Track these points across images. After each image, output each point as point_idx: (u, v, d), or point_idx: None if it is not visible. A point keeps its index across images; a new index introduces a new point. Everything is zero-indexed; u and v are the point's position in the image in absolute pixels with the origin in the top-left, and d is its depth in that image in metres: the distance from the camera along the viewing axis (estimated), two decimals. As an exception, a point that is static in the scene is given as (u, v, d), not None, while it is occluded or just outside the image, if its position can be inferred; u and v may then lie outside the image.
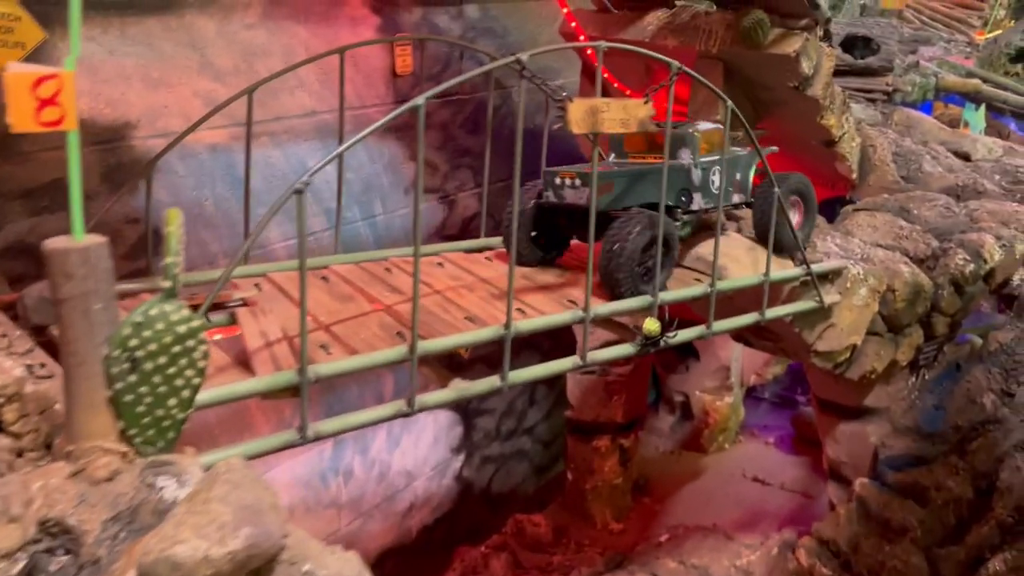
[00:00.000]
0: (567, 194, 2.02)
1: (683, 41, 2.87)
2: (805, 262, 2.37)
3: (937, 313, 2.93)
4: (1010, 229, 3.10)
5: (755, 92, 3.07)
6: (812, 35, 2.75)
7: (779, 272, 2.29)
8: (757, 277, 2.24)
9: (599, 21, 3.11)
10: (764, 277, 2.24)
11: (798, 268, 2.37)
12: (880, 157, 3.53)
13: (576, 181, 2.00)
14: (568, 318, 1.81)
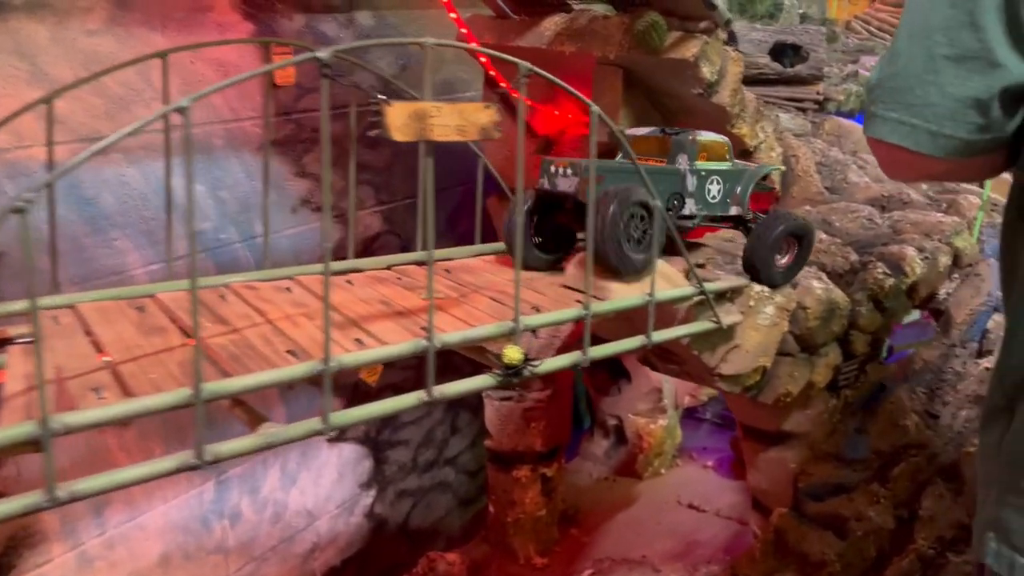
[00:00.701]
0: (559, 182, 2.06)
1: (581, 47, 2.72)
2: (697, 280, 2.20)
3: (856, 331, 2.78)
4: (933, 241, 2.96)
5: (661, 100, 2.93)
6: (713, 39, 2.61)
7: (666, 292, 2.12)
8: (641, 298, 2.06)
9: (496, 28, 2.96)
10: (649, 297, 2.06)
11: (689, 287, 2.20)
12: (803, 167, 3.40)
13: (567, 169, 2.04)
14: (409, 348, 1.63)
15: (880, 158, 1.21)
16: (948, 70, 1.05)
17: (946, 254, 2.94)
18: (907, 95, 1.09)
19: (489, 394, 3.59)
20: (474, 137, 1.60)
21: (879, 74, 1.15)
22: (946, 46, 1.04)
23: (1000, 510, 1.19)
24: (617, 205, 1.96)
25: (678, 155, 2.23)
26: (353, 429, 3.40)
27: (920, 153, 1.11)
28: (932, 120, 1.08)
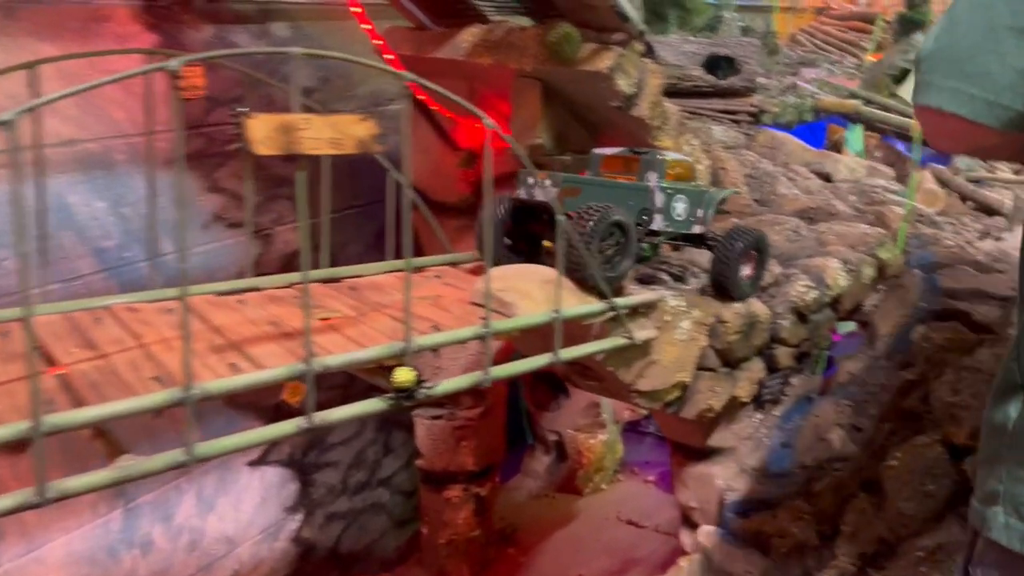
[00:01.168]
0: (536, 192, 2.21)
1: (498, 59, 2.68)
2: (607, 296, 2.15)
3: (779, 344, 2.75)
4: (858, 252, 2.95)
5: (582, 113, 2.89)
6: (629, 51, 2.57)
7: (573, 308, 2.07)
8: (547, 315, 2.01)
9: (414, 39, 2.90)
10: (555, 314, 2.01)
11: (599, 303, 2.15)
12: (732, 180, 3.38)
13: (546, 181, 2.18)
14: (284, 373, 1.55)
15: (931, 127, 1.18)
16: (1010, 40, 1.04)
17: (870, 266, 2.93)
18: (966, 64, 1.07)
19: (419, 413, 3.52)
20: (351, 150, 1.54)
21: (935, 43, 1.12)
22: (1009, 16, 1.04)
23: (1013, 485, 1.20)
24: (595, 223, 2.05)
25: (647, 172, 2.32)
26: (276, 451, 3.30)
27: (976, 123, 1.09)
28: (991, 90, 1.06)
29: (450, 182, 3.09)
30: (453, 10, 2.79)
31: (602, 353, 2.24)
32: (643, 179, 2.32)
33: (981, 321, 2.76)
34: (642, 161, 2.31)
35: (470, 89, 3.00)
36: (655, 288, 2.48)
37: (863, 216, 3.26)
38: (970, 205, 3.67)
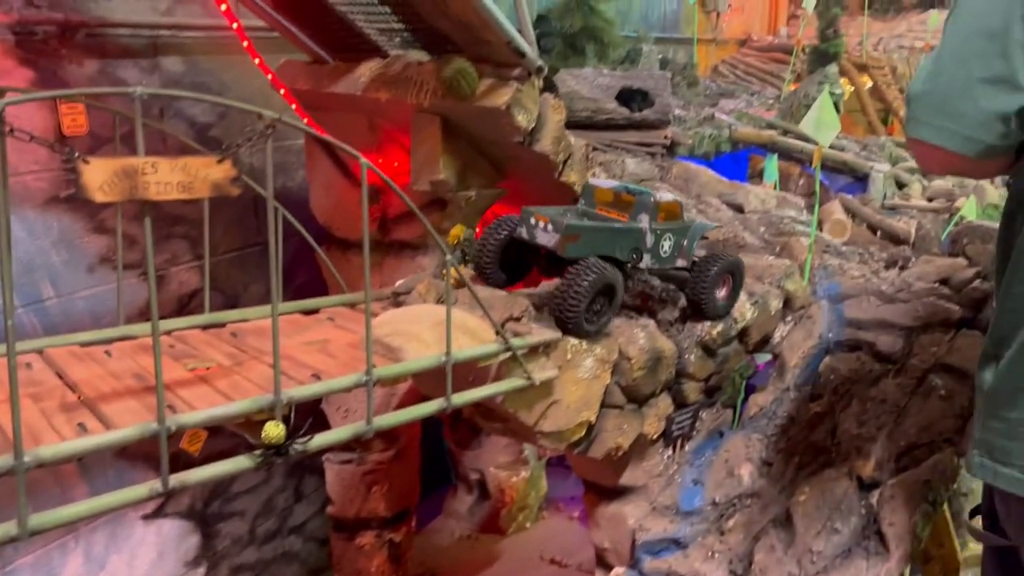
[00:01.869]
0: (538, 235, 2.25)
1: (396, 94, 2.62)
2: (503, 336, 2.10)
3: (687, 379, 2.73)
4: (764, 284, 2.96)
5: (485, 148, 2.85)
6: (527, 86, 2.54)
7: (466, 351, 2.01)
8: (436, 358, 1.94)
9: (311, 73, 2.84)
10: (445, 358, 1.94)
11: (494, 343, 2.09)
12: (642, 212, 3.37)
13: (548, 225, 2.23)
14: (135, 434, 1.45)
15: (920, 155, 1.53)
16: (981, 88, 1.36)
17: (777, 297, 2.93)
18: (948, 106, 1.40)
19: (329, 457, 3.40)
20: (205, 194, 1.45)
21: (923, 87, 1.44)
22: (980, 70, 1.36)
23: (984, 432, 1.58)
24: (590, 284, 2.19)
25: (640, 214, 2.41)
26: (174, 502, 3.15)
27: (956, 153, 1.42)
28: (967, 127, 1.39)
29: (353, 218, 3.02)
30: (350, 44, 2.73)
31: (500, 395, 2.18)
32: (635, 219, 2.40)
33: (885, 351, 2.78)
34: (636, 203, 2.40)
35: (370, 123, 2.95)
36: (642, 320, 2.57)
37: (771, 247, 3.28)
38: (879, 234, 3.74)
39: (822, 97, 2.77)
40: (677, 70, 6.08)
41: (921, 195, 5.24)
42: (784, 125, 5.82)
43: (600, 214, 2.49)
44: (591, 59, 4.79)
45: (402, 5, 2.34)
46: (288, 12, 2.64)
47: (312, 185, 3.11)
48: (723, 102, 6.03)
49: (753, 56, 8.38)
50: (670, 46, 7.09)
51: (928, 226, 3.76)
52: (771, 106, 6.31)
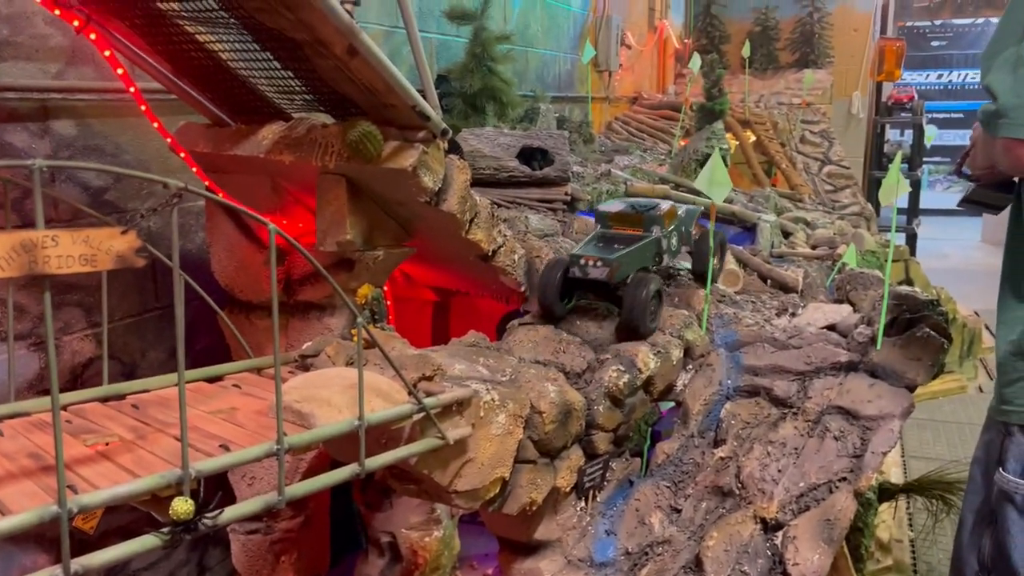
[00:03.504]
0: (590, 271, 2.92)
1: (300, 156, 2.62)
2: (415, 396, 2.10)
3: (596, 430, 2.78)
4: (665, 335, 3.06)
5: (392, 208, 2.87)
6: (433, 148, 2.59)
7: (378, 414, 1.99)
8: (349, 423, 1.92)
9: (211, 136, 2.81)
10: (358, 422, 1.93)
11: (407, 404, 2.09)
12: (546, 268, 3.45)
13: (598, 263, 2.90)
14: (32, 519, 1.37)
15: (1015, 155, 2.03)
16: None
17: (678, 347, 3.04)
18: None
19: (234, 528, 3.27)
20: (108, 266, 1.42)
21: (1014, 100, 1.94)
22: None
23: None
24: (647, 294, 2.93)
25: (652, 227, 3.13)
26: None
27: None
28: None
29: (256, 280, 2.97)
30: (252, 107, 2.72)
31: (414, 456, 2.17)
32: (649, 231, 3.12)
33: (782, 396, 2.91)
34: (645, 219, 3.12)
35: (273, 185, 2.93)
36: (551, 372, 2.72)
37: (670, 299, 3.40)
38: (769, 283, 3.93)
39: (713, 157, 2.93)
40: (574, 128, 6.29)
41: (806, 243, 5.54)
42: (676, 179, 6.09)
43: (617, 232, 3.16)
44: (491, 118, 4.90)
45: (306, 71, 2.36)
46: (187, 76, 2.61)
47: (213, 247, 3.05)
48: (618, 158, 6.26)
49: (644, 113, 8.75)
50: (566, 104, 7.33)
51: (814, 274, 3.98)
52: (663, 161, 6.59)
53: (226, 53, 2.38)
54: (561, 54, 7.32)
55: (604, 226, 3.22)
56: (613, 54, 7.98)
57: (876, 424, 2.67)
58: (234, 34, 2.24)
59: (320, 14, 2.04)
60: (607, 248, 3.00)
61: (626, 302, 2.96)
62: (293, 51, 2.26)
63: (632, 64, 9.09)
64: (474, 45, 4.77)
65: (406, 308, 3.86)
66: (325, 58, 2.26)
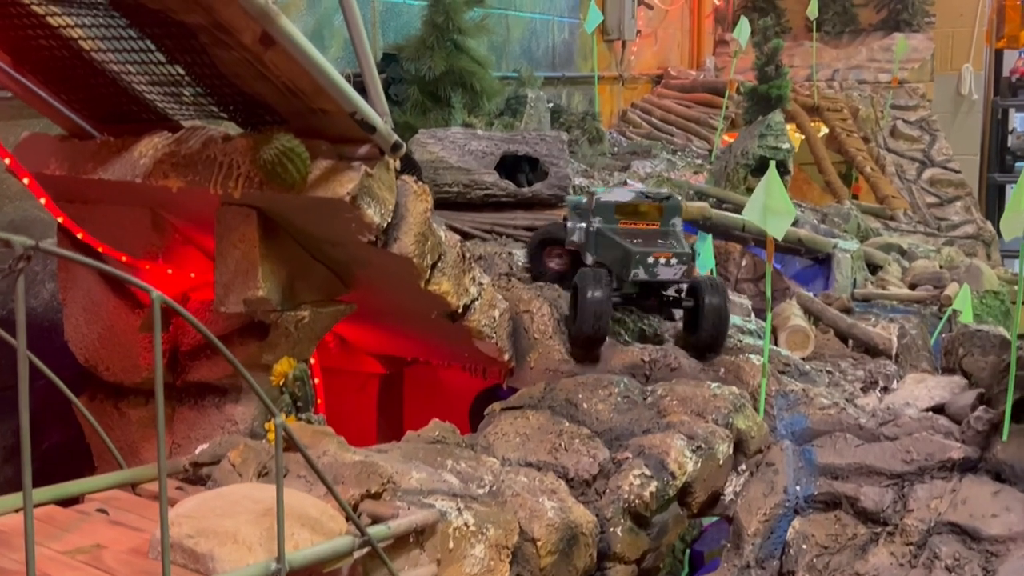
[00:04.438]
0: (661, 271, 3.34)
1: (192, 180, 2.66)
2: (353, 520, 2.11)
3: (613, 562, 2.79)
4: (708, 422, 3.09)
5: (323, 249, 2.90)
6: (379, 168, 2.63)
7: (304, 552, 2.00)
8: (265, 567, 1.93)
9: (69, 152, 2.85)
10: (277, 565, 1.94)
11: (344, 536, 2.10)
12: (539, 327, 3.49)
13: (672, 260, 3.34)
14: None
15: None
16: None
17: (725, 440, 3.07)
18: None
19: None
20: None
21: None
22: None
23: None
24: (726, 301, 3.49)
25: (673, 219, 3.60)
26: None
27: None
28: None
29: (130, 353, 2.99)
30: (125, 112, 2.76)
31: (356, 609, 2.18)
32: (670, 224, 3.58)
33: (871, 509, 2.94)
34: (667, 208, 3.62)
35: (154, 219, 2.96)
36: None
37: (713, 369, 3.44)
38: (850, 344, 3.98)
39: (769, 175, 2.98)
40: (574, 122, 6.38)
41: (901, 280, 5.61)
42: (719, 193, 6.17)
43: (624, 228, 3.52)
44: (459, 112, 4.97)
45: (201, 65, 2.40)
46: (34, 70, 2.65)
47: (68, 307, 3.07)
48: (636, 163, 6.35)
49: (672, 98, 8.88)
50: (563, 88, 7.43)
51: (913, 331, 4.04)
52: (699, 167, 6.69)
53: (89, 42, 2.42)
54: (556, 18, 7.44)
55: (607, 220, 3.56)
56: (628, 17, 8.11)
57: (1004, 549, 2.70)
58: (100, 16, 2.28)
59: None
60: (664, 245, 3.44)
61: (707, 311, 3.42)
62: (184, 39, 2.30)
63: (655, 30, 9.25)
64: (434, 12, 4.85)
65: (342, 384, 3.87)
66: (229, 48, 2.30)
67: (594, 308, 3.31)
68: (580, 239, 3.68)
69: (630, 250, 3.34)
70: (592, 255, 3.61)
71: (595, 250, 3.60)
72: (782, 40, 7.31)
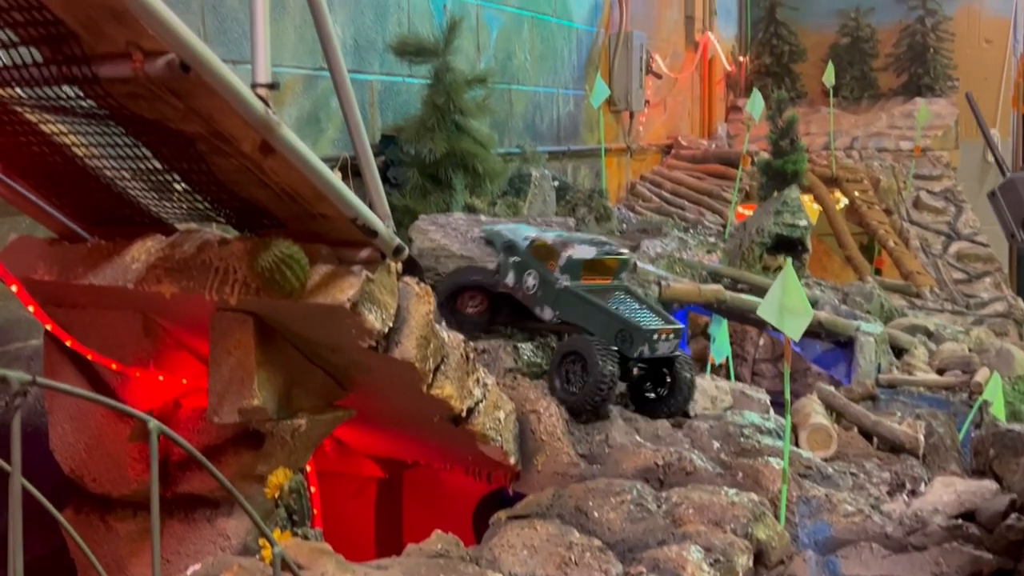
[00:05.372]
0: (660, 347, 3.58)
1: (186, 286, 2.72)
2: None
3: None
4: (726, 532, 3.12)
5: (321, 354, 2.97)
6: (380, 272, 2.71)
7: None
8: None
9: (58, 257, 2.92)
10: None
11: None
12: (547, 429, 3.53)
13: (671, 335, 3.60)
14: None
15: None
16: None
17: (745, 551, 3.09)
18: None
19: None
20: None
21: None
22: None
23: None
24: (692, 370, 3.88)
25: (624, 271, 3.92)
26: None
27: None
28: None
29: (119, 464, 3.03)
30: (117, 215, 2.84)
31: None
32: (620, 278, 3.86)
33: (901, 628, 2.96)
34: (623, 262, 3.88)
35: (145, 325, 3.02)
36: None
37: (731, 472, 3.48)
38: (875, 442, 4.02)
39: (784, 276, 3.05)
40: (580, 199, 6.48)
41: (927, 364, 5.66)
42: (733, 273, 6.25)
43: (587, 284, 3.72)
44: (460, 194, 5.07)
45: (199, 172, 2.48)
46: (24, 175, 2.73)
47: (53, 414, 3.12)
48: (647, 242, 6.43)
49: (683, 169, 9.02)
50: (568, 162, 7.55)
51: (941, 430, 4.08)
52: (712, 246, 6.77)
53: (83, 148, 2.50)
54: (560, 90, 7.58)
55: (573, 277, 3.73)
56: (636, 87, 8.27)
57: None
58: (95, 125, 2.37)
59: (222, 103, 2.17)
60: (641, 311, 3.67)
61: (681, 384, 3.76)
62: (181, 147, 2.38)
63: (664, 98, 9.41)
64: (435, 92, 4.97)
65: (339, 489, 3.91)
66: (227, 156, 2.39)
67: (608, 383, 3.47)
68: (532, 288, 3.81)
69: (638, 327, 3.55)
70: (553, 311, 3.78)
71: (563, 310, 3.75)
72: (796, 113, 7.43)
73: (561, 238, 3.85)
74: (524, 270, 3.82)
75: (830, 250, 9.07)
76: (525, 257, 3.82)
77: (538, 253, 3.82)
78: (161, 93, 2.17)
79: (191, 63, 2.00)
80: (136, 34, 1.97)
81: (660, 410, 3.81)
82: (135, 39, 1.99)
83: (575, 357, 3.56)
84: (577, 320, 3.72)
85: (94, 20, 1.98)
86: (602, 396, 3.52)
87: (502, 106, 6.48)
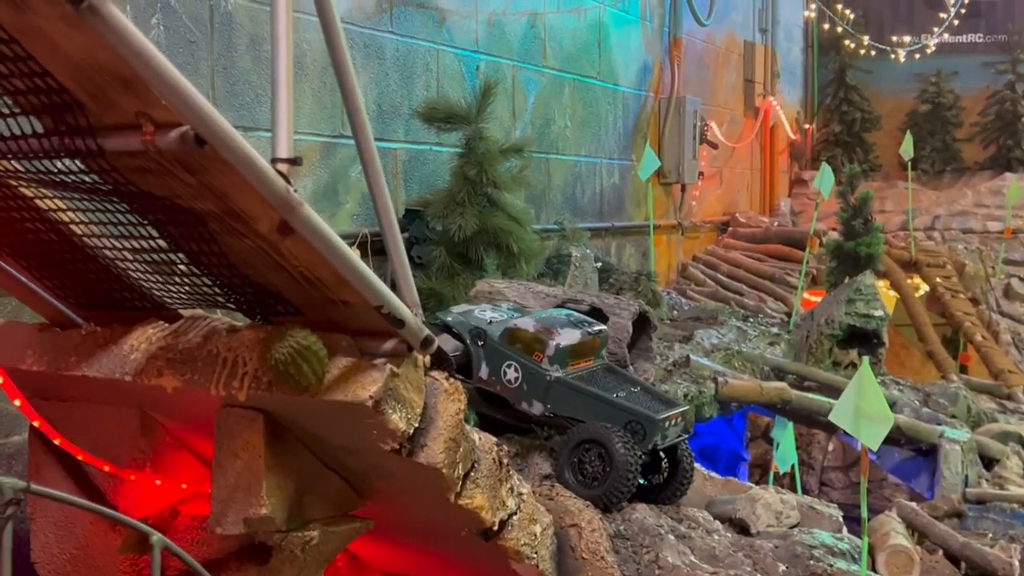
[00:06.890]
0: (670, 433, 3.72)
1: (190, 380, 2.75)
2: None
3: None
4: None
5: (337, 456, 2.98)
6: (406, 366, 2.73)
7: None
8: None
9: (49, 345, 2.96)
10: None
11: None
12: (589, 546, 3.52)
13: (679, 420, 3.78)
14: None
15: None
16: None
17: None
18: None
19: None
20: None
21: None
22: None
23: None
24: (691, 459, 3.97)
25: (603, 348, 3.99)
26: None
27: None
28: None
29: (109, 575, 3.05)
30: (114, 299, 2.88)
31: None
32: (600, 356, 3.99)
33: None
34: (602, 340, 3.96)
35: (142, 421, 3.05)
36: None
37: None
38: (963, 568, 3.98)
39: (861, 376, 3.06)
40: (626, 283, 6.51)
41: (1022, 477, 5.59)
42: (799, 369, 6.23)
43: (574, 369, 3.81)
44: (492, 275, 5.10)
45: (208, 253, 2.52)
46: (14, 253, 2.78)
47: (36, 521, 3.14)
48: (700, 332, 6.44)
49: (741, 250, 9.03)
50: (612, 240, 7.59)
51: (1038, 553, 4.04)
52: (775, 338, 6.77)
53: (82, 226, 2.55)
54: (604, 161, 7.63)
55: (561, 365, 3.80)
56: (688, 158, 8.32)
57: None
58: (97, 201, 2.42)
59: (238, 179, 2.21)
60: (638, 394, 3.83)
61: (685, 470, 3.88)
62: (191, 227, 2.43)
63: (720, 170, 9.45)
64: (466, 162, 5.02)
65: (350, 609, 3.90)
66: (242, 237, 2.43)
67: (634, 474, 3.59)
68: (515, 382, 3.85)
69: (649, 417, 3.66)
70: (544, 405, 3.82)
71: (556, 403, 3.81)
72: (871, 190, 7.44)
73: (541, 323, 3.87)
74: (502, 361, 3.83)
75: (908, 343, 8.99)
76: (500, 347, 3.83)
77: (518, 342, 3.83)
78: (172, 168, 2.21)
79: (207, 136, 2.03)
80: (147, 104, 2.01)
81: (654, 499, 3.86)
82: (146, 109, 2.03)
83: (591, 445, 3.63)
84: (575, 414, 3.77)
85: (101, 88, 2.02)
86: (628, 489, 3.61)
87: (539, 178, 6.53)
